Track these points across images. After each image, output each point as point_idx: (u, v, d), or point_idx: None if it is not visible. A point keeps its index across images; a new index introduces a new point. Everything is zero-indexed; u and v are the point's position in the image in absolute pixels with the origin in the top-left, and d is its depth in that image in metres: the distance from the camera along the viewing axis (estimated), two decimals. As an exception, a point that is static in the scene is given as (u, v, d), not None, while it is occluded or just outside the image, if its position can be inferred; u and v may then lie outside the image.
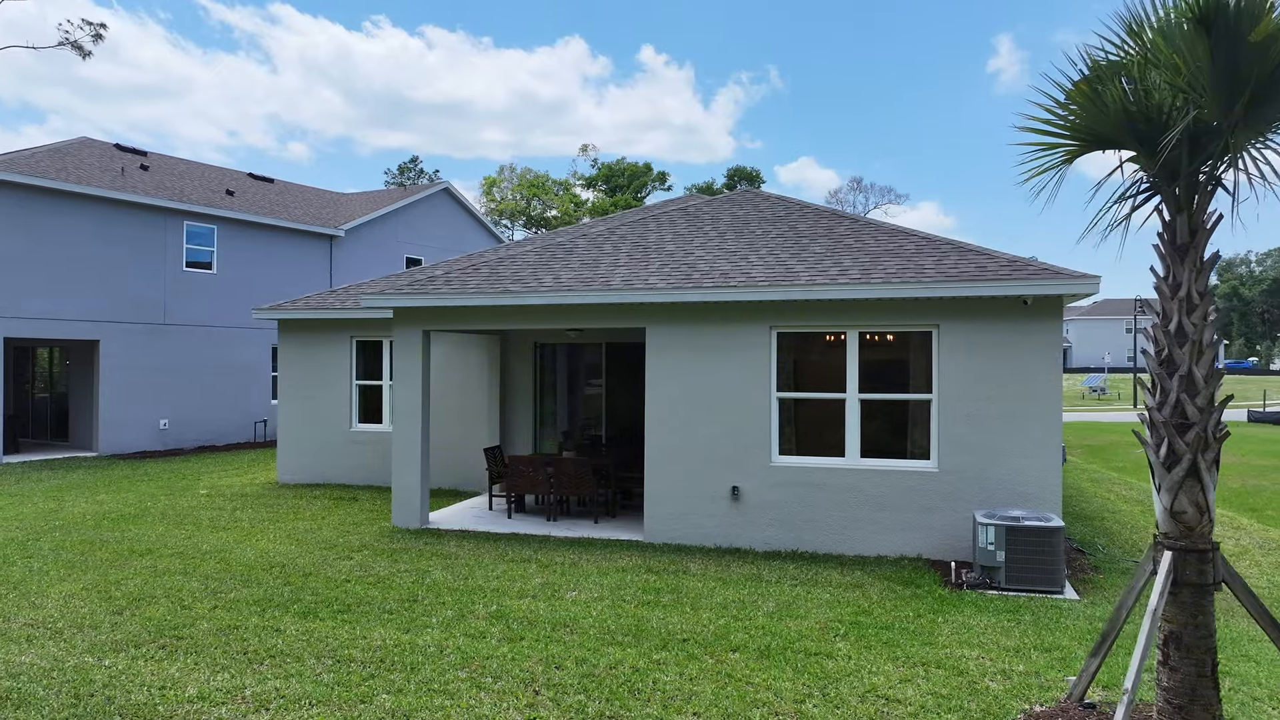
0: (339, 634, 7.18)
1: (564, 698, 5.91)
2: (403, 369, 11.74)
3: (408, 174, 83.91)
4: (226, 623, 7.47)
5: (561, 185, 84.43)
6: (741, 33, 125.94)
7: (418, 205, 30.09)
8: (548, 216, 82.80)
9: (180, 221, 22.24)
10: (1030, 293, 9.38)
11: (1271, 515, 13.98)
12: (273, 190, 28.10)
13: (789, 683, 6.19)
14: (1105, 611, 8.02)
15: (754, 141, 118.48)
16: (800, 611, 7.91)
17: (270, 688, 6.06)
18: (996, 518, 8.80)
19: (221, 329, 23.22)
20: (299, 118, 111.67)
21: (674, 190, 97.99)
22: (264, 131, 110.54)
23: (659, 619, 7.63)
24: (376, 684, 6.13)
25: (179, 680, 6.19)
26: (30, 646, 6.88)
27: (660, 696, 5.93)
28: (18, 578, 8.95)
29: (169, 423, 21.98)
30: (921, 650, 6.90)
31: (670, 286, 10.49)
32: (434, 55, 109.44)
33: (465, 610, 7.87)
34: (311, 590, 8.50)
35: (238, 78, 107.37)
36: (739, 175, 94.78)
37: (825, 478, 10.23)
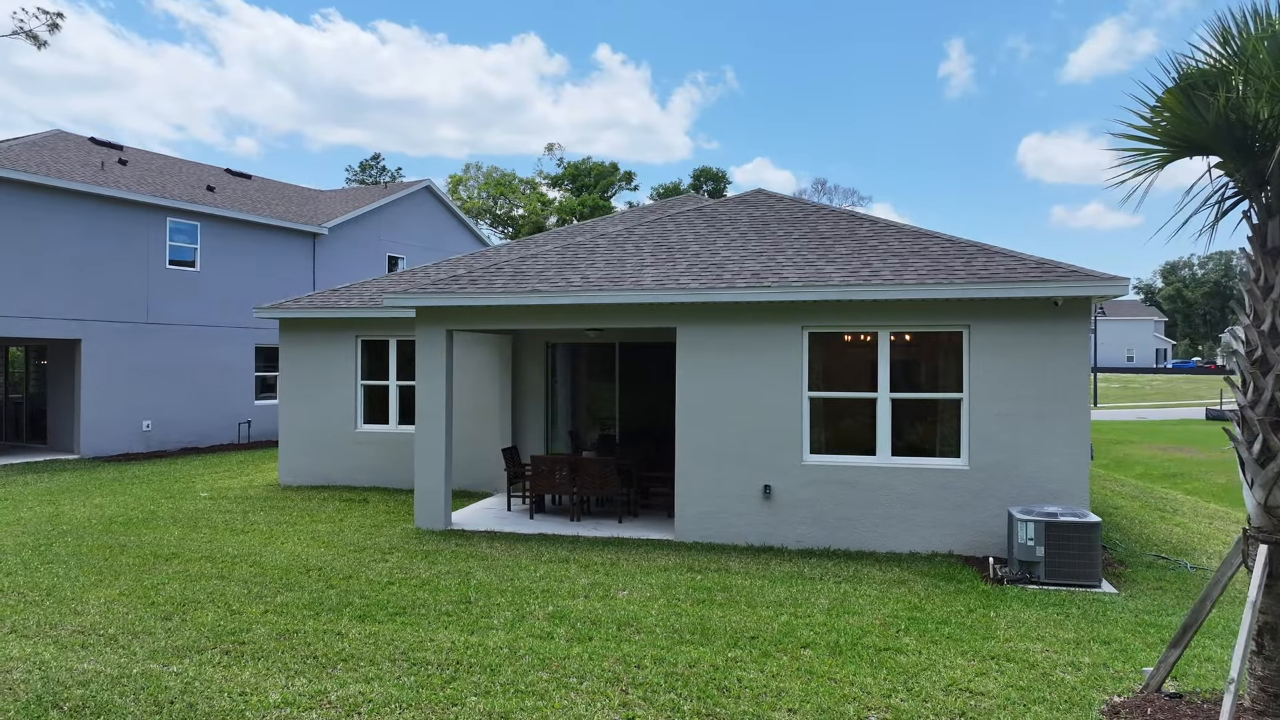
0: (403, 637, 7.10)
1: (655, 696, 5.92)
2: (426, 369, 11.62)
3: (369, 171, 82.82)
4: (283, 627, 7.35)
5: (528, 184, 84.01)
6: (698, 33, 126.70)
7: (399, 204, 29.75)
8: (514, 216, 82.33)
9: (163, 218, 21.72)
10: (1062, 294, 9.61)
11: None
12: (252, 186, 27.57)
13: (869, 678, 6.28)
14: (1146, 604, 8.26)
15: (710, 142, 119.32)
16: (855, 608, 8.01)
17: (353, 691, 5.98)
18: (1035, 514, 8.99)
19: (205, 328, 22.72)
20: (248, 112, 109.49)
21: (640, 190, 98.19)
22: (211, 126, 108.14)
23: (720, 617, 7.67)
24: (460, 686, 6.08)
25: (256, 686, 6.08)
26: (88, 653, 6.69)
27: (750, 694, 5.97)
28: (47, 584, 8.69)
29: (152, 424, 21.45)
30: (984, 644, 7.03)
31: (703, 286, 10.54)
32: (387, 50, 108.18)
33: (522, 611, 7.83)
34: (359, 593, 8.38)
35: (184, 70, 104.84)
36: (704, 176, 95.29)
37: (857, 476, 10.37)
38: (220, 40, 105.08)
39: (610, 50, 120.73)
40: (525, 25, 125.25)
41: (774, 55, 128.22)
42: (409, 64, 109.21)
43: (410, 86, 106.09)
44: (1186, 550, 10.75)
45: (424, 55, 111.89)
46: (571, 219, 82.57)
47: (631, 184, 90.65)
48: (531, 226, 77.47)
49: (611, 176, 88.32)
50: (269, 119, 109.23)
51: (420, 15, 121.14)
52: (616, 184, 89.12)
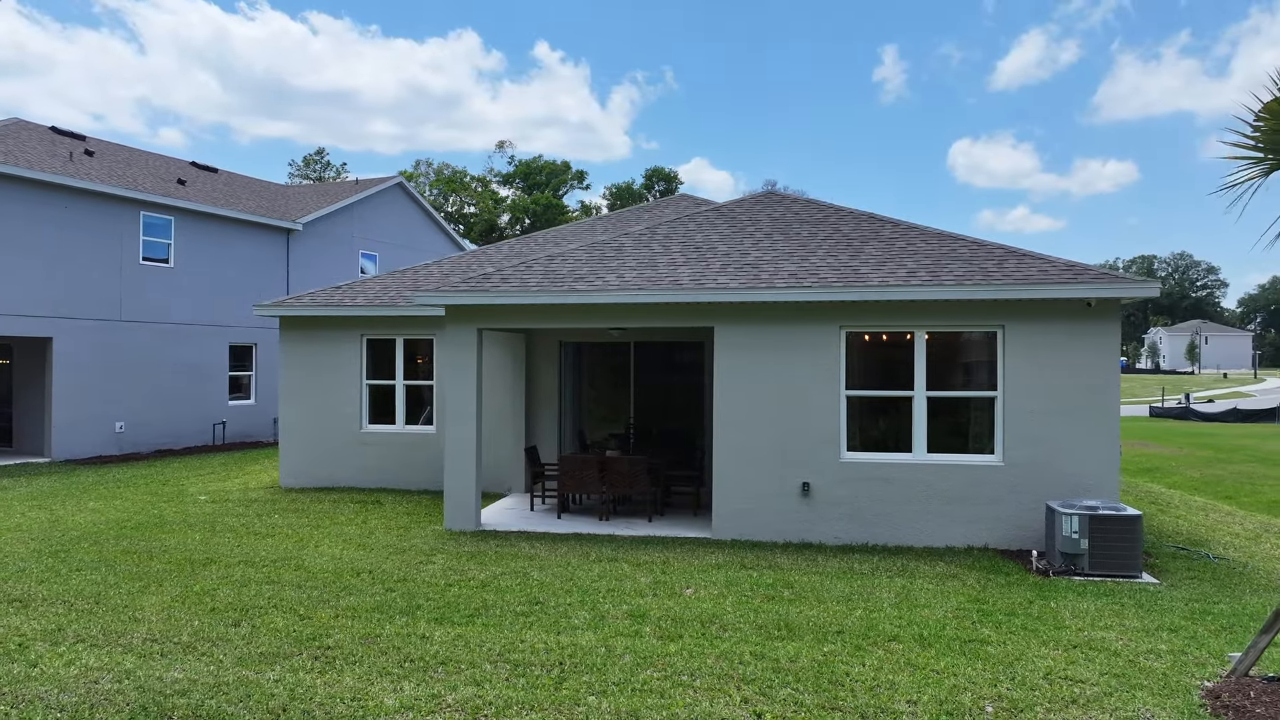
0: (490, 638, 7.02)
1: (772, 692, 5.98)
2: (456, 368, 11.47)
3: (312, 166, 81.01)
4: (361, 631, 7.20)
5: (479, 182, 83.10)
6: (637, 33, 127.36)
7: (371, 200, 29.20)
8: (465, 214, 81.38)
9: (136, 212, 20.96)
10: (1095, 295, 9.95)
11: (1247, 500, 15.18)
12: (219, 180, 26.77)
13: (969, 669, 6.43)
14: (1191, 593, 8.61)
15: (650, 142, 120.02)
16: (921, 601, 8.19)
17: (469, 694, 5.90)
18: (1077, 508, 9.30)
19: (179, 326, 22.00)
20: (171, 102, 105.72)
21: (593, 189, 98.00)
22: (132, 115, 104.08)
23: (797, 613, 7.76)
24: (573, 686, 6.05)
25: (364, 691, 5.95)
26: (170, 661, 6.47)
27: (862, 687, 6.07)
28: (91, 591, 8.35)
29: (125, 425, 20.68)
30: (1059, 634, 7.26)
31: (743, 286, 10.63)
32: (318, 42, 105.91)
33: (598, 611, 7.81)
34: (422, 596, 8.25)
35: (102, 57, 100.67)
36: (656, 176, 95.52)
37: (894, 473, 10.58)
38: (140, 26, 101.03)
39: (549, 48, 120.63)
40: (462, 20, 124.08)
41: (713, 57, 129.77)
42: (341, 56, 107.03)
43: (343, 79, 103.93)
44: (1200, 542, 11.23)
45: (356, 48, 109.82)
46: (524, 218, 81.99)
47: (583, 183, 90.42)
48: (484, 225, 76.71)
49: (564, 175, 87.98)
50: (194, 110, 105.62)
51: (352, 7, 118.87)
52: (568, 182, 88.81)
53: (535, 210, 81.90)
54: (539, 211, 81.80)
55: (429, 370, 15.11)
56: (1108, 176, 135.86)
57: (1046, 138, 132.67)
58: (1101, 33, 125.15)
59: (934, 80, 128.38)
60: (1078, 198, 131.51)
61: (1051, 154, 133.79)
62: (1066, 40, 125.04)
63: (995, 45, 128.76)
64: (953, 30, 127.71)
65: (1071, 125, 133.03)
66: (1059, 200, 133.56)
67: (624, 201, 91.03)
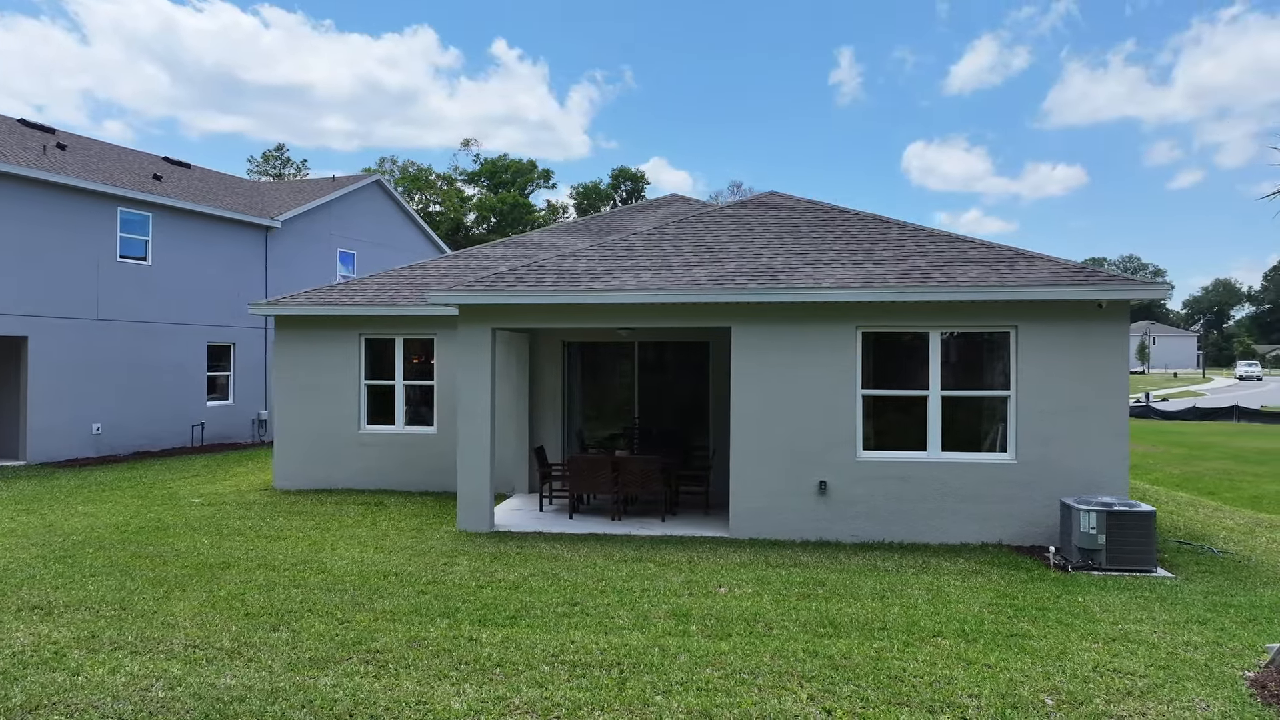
0: (540, 640, 6.98)
1: (835, 688, 6.03)
2: (469, 368, 11.37)
3: (272, 163, 79.61)
4: (405, 634, 7.11)
5: (444, 180, 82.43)
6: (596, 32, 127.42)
7: (349, 198, 28.78)
8: (431, 212, 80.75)
9: (114, 208, 20.41)
10: (1107, 297, 10.19)
11: (1229, 495, 15.65)
12: (193, 176, 26.18)
13: (1019, 662, 6.55)
14: (1207, 587, 8.86)
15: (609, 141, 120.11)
16: (953, 597, 8.32)
17: (534, 696, 5.87)
18: (1093, 504, 9.52)
19: (157, 325, 21.47)
20: (116, 94, 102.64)
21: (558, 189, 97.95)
22: (76, 107, 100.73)
23: (837, 610, 7.84)
24: (636, 686, 6.04)
25: (427, 695, 5.89)
26: (216, 668, 6.33)
27: (922, 682, 6.15)
28: (113, 597, 8.13)
29: (102, 427, 20.13)
30: (1094, 627, 7.43)
31: (761, 287, 10.70)
32: (270, 35, 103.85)
33: (639, 611, 7.80)
34: (457, 598, 8.17)
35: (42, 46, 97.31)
36: (623, 176, 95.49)
37: (910, 471, 10.72)
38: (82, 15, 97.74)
39: (506, 45, 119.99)
40: (418, 16, 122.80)
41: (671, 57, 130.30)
42: (294, 50, 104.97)
43: (296, 74, 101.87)
44: (1200, 536, 11.55)
45: (310, 42, 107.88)
46: (490, 217, 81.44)
47: (550, 182, 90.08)
48: (450, 224, 76.06)
49: (530, 174, 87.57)
50: (140, 103, 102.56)
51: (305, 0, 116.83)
52: (534, 182, 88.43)
53: (502, 210, 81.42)
54: (505, 211, 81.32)
55: (423, 370, 14.95)
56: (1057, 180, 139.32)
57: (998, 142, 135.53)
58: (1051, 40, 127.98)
59: (889, 84, 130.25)
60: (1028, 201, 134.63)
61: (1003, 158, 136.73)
62: (1018, 46, 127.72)
63: (949, 50, 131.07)
64: (907, 34, 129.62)
65: (1022, 130, 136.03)
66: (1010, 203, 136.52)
67: (590, 201, 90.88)
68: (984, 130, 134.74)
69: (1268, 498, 15.57)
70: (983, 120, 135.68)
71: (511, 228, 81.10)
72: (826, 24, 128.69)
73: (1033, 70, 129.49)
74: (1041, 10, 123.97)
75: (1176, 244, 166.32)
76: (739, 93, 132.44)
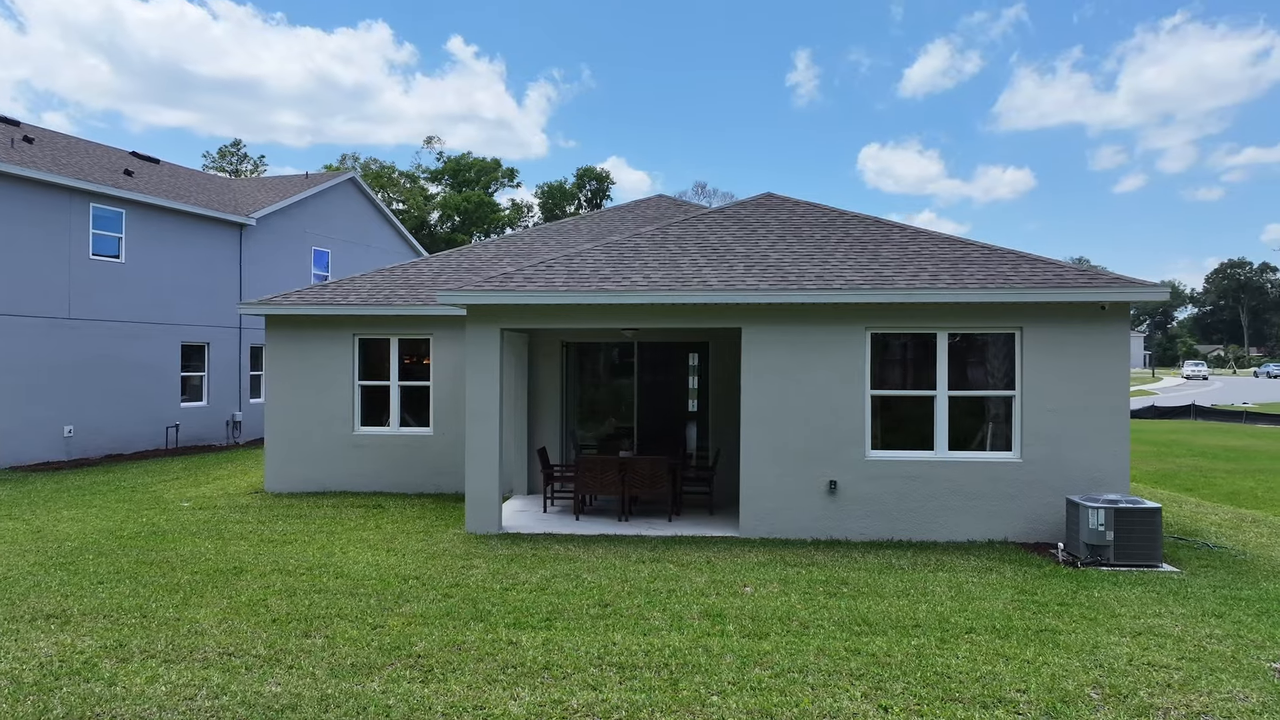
0: (580, 642, 6.96)
1: (887, 685, 6.10)
2: (477, 369, 11.27)
3: (229, 159, 78.05)
4: (443, 639, 7.03)
5: (408, 178, 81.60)
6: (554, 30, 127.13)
7: (324, 195, 28.32)
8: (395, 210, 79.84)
9: (86, 204, 19.84)
10: (1110, 299, 10.44)
11: (1206, 492, 16.12)
12: (163, 171, 25.56)
13: (1054, 657, 6.68)
14: (1213, 580, 9.12)
15: (568, 140, 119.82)
16: (974, 594, 8.45)
17: (590, 699, 5.85)
18: (1100, 502, 9.74)
19: (130, 325, 20.92)
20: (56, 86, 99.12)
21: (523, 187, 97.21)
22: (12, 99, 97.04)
23: (866, 608, 7.92)
24: (690, 687, 6.05)
25: (481, 700, 5.83)
26: (257, 675, 6.20)
27: (968, 678, 6.25)
28: (130, 605, 7.92)
29: (74, 430, 19.55)
30: (1117, 621, 7.61)
31: (773, 288, 10.77)
32: (219, 27, 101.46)
33: (671, 611, 7.81)
34: (485, 601, 8.10)
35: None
36: (588, 175, 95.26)
37: (917, 470, 10.88)
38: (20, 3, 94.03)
39: (463, 42, 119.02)
40: (372, 11, 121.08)
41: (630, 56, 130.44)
42: (244, 43, 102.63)
43: (246, 68, 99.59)
44: (1191, 532, 11.88)
45: (260, 35, 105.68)
46: (454, 215, 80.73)
47: (514, 181, 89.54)
48: (415, 222, 75.28)
49: (494, 173, 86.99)
50: (81, 95, 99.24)
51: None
52: (498, 180, 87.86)
53: (466, 208, 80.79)
54: (470, 210, 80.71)
55: (419, 371, 14.78)
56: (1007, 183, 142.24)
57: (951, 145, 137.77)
58: (1002, 45, 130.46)
59: (845, 86, 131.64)
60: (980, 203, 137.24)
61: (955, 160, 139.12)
62: (969, 51, 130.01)
63: (903, 54, 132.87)
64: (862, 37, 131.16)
65: (973, 133, 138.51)
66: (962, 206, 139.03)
67: (555, 201, 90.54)
68: (937, 133, 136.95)
69: (1243, 493, 16.07)
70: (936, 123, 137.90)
71: (476, 226, 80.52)
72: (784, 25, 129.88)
73: (984, 75, 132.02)
74: (993, 16, 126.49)
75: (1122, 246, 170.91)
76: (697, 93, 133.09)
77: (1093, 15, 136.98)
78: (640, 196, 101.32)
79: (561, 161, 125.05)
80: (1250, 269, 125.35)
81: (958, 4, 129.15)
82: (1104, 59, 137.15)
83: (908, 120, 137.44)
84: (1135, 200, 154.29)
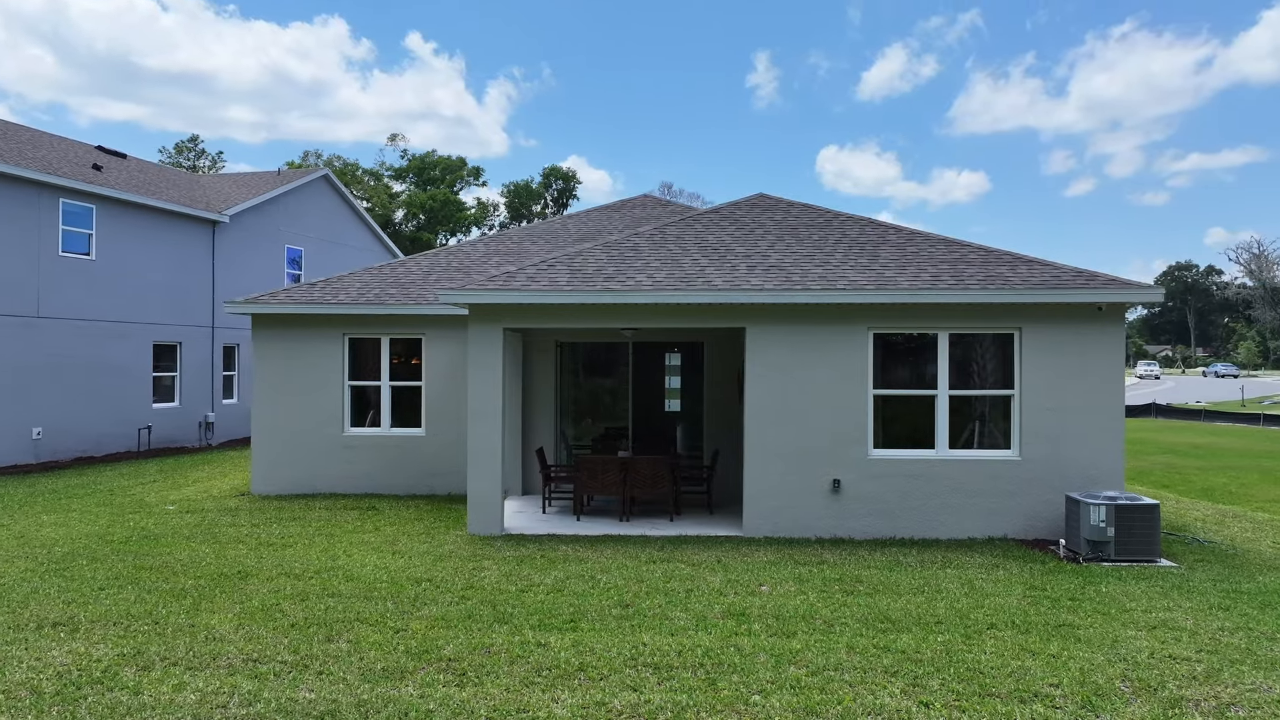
0: (608, 643, 6.92)
1: (924, 681, 6.16)
2: (480, 369, 11.17)
3: (186, 154, 76.43)
4: (469, 642, 6.95)
5: (372, 175, 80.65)
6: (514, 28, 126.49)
7: (297, 193, 27.83)
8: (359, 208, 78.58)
9: (55, 199, 19.27)
10: (1106, 300, 10.66)
11: (1182, 488, 16.54)
12: (131, 166, 24.91)
13: (1080, 652, 6.80)
14: (1212, 574, 9.35)
15: (528, 139, 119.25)
16: (987, 590, 8.57)
17: (632, 700, 5.82)
18: (1100, 499, 9.94)
19: (101, 324, 20.37)
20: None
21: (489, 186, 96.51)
22: None
23: (885, 605, 7.99)
24: (728, 687, 6.05)
25: (524, 702, 5.77)
26: (290, 681, 6.07)
27: (1002, 673, 6.33)
28: (139, 611, 7.70)
29: (43, 431, 18.98)
30: (1130, 616, 7.76)
31: (778, 288, 10.82)
32: (169, 19, 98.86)
33: (693, 611, 7.80)
34: (504, 603, 8.02)
35: None
36: (554, 175, 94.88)
37: (919, 468, 11.00)
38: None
39: (421, 39, 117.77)
40: (327, 6, 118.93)
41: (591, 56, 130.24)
42: (195, 35, 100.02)
43: (197, 61, 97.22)
44: (1180, 528, 12.17)
45: (213, 27, 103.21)
46: (419, 214, 79.92)
47: (480, 179, 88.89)
48: (380, 220, 74.35)
49: (459, 171, 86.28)
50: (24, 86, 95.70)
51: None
52: (464, 179, 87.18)
53: (432, 207, 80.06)
54: (435, 208, 79.99)
55: (411, 371, 14.59)
56: (963, 186, 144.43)
57: (908, 147, 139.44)
58: (958, 50, 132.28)
59: (805, 88, 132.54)
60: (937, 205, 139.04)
61: (912, 163, 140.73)
62: (926, 55, 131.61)
63: (861, 57, 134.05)
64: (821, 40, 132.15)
65: (930, 137, 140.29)
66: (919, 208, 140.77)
67: (522, 200, 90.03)
68: (894, 136, 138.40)
69: (1218, 490, 16.52)
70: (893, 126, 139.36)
71: (441, 225, 79.75)
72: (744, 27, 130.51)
73: (940, 79, 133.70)
74: (949, 21, 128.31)
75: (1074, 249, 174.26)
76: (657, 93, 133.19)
77: (1046, 22, 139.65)
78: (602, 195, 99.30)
79: (522, 160, 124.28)
80: (1197, 271, 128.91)
81: (914, 9, 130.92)
82: (1056, 65, 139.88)
83: (866, 123, 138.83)
84: (1086, 204, 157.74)
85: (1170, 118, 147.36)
